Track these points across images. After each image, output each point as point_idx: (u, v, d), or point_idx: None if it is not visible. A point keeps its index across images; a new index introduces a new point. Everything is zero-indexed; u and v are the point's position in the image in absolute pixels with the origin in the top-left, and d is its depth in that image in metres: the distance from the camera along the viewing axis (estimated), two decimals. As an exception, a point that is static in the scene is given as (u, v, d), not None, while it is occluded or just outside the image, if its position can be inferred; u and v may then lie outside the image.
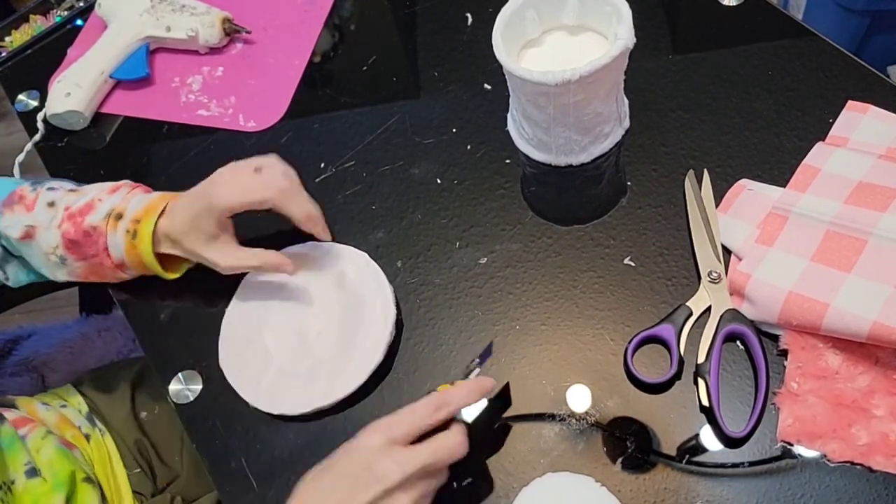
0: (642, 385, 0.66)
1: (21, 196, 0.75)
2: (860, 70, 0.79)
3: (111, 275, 0.76)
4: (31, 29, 1.08)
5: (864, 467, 0.60)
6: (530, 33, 0.77)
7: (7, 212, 0.75)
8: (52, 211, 0.74)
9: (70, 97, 0.92)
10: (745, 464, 0.62)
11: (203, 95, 0.95)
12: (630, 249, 0.74)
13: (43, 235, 0.74)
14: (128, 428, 0.86)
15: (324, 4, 1.00)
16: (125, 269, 0.75)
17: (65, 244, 0.73)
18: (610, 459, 0.64)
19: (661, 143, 0.79)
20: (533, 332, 0.71)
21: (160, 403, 0.88)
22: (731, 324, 0.66)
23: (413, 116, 0.87)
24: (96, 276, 0.77)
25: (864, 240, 0.65)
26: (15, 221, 0.74)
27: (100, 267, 0.75)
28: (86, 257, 0.74)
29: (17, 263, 0.78)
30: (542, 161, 0.80)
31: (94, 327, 1.06)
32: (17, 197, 0.75)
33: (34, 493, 0.68)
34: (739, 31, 0.84)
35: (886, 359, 0.63)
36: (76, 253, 0.74)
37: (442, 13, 0.96)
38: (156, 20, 0.96)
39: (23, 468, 0.69)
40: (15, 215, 0.74)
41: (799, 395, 0.63)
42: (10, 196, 0.75)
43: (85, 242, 0.73)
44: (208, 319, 0.78)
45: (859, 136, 0.74)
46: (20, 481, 0.68)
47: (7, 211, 0.75)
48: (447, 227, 0.79)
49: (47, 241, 0.74)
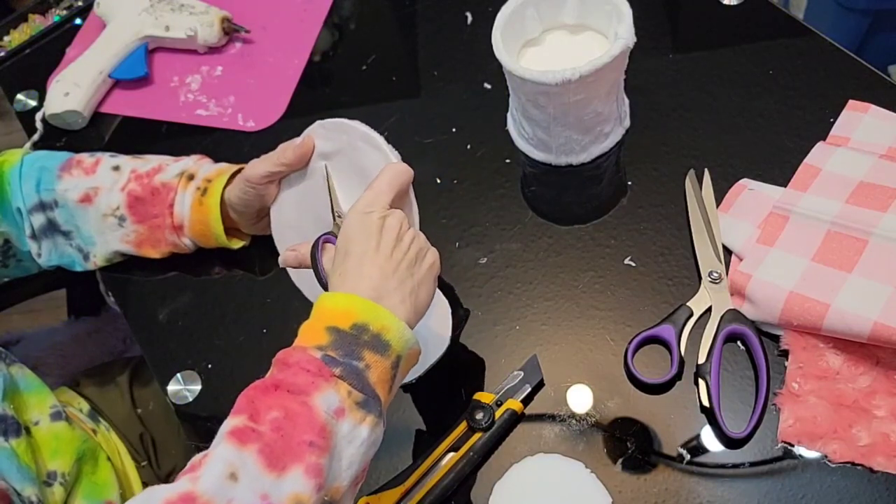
0: (643, 385, 0.66)
1: (79, 161, 0.77)
2: (861, 69, 0.79)
3: (166, 241, 0.77)
4: (29, 28, 1.07)
5: (865, 468, 0.60)
6: (530, 32, 0.77)
7: (66, 175, 0.76)
8: (117, 174, 0.76)
9: (69, 97, 0.92)
10: (746, 464, 0.62)
11: (202, 95, 0.95)
12: (630, 249, 0.74)
13: (104, 197, 0.75)
14: (131, 424, 0.87)
15: (323, 4, 1.00)
16: (182, 234, 0.76)
17: (128, 203, 0.75)
18: (610, 460, 0.64)
19: (662, 143, 0.79)
20: (533, 332, 0.71)
21: (155, 400, 0.89)
22: (732, 324, 0.66)
23: (413, 116, 0.87)
24: (150, 241, 0.77)
25: (864, 240, 0.65)
26: (75, 184, 0.76)
27: (158, 230, 0.76)
28: (146, 218, 0.75)
29: (54, 241, 0.78)
30: (542, 161, 0.80)
31: (85, 329, 1.06)
32: (76, 162, 0.77)
33: (57, 436, 0.68)
34: (740, 31, 0.84)
35: (887, 359, 0.63)
36: (138, 213, 0.75)
37: (442, 13, 0.95)
38: (154, 19, 0.96)
39: (48, 410, 0.69)
40: (74, 179, 0.76)
41: (800, 396, 0.63)
42: (67, 162, 0.78)
43: (151, 200, 0.75)
44: (207, 320, 0.78)
45: (860, 136, 0.74)
46: (44, 422, 0.68)
47: (66, 175, 0.77)
48: (447, 227, 0.78)
49: (108, 202, 0.75)
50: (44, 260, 0.79)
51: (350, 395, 0.51)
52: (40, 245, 0.78)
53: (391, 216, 0.58)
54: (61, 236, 0.78)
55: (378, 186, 0.59)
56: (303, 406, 0.50)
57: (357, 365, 0.52)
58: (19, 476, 0.61)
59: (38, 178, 0.76)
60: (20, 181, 0.76)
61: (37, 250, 0.78)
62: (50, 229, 0.77)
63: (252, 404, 0.50)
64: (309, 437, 0.49)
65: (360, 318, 0.53)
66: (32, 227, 0.77)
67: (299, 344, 0.53)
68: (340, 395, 0.51)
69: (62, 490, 0.65)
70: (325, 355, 0.52)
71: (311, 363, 0.51)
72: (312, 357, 0.51)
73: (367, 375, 0.53)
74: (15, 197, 0.76)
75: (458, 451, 0.64)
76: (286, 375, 0.51)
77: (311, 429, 0.49)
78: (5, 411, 0.63)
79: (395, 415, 0.69)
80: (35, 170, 0.77)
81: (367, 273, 0.55)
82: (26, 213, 0.76)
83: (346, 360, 0.52)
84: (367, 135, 0.65)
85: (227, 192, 0.74)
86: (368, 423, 0.52)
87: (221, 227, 0.74)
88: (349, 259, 0.56)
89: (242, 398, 0.51)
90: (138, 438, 0.86)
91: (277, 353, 0.53)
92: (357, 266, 0.56)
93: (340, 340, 0.52)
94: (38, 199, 0.76)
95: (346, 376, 0.52)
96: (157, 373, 0.76)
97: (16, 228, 0.77)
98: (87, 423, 0.82)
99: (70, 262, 0.80)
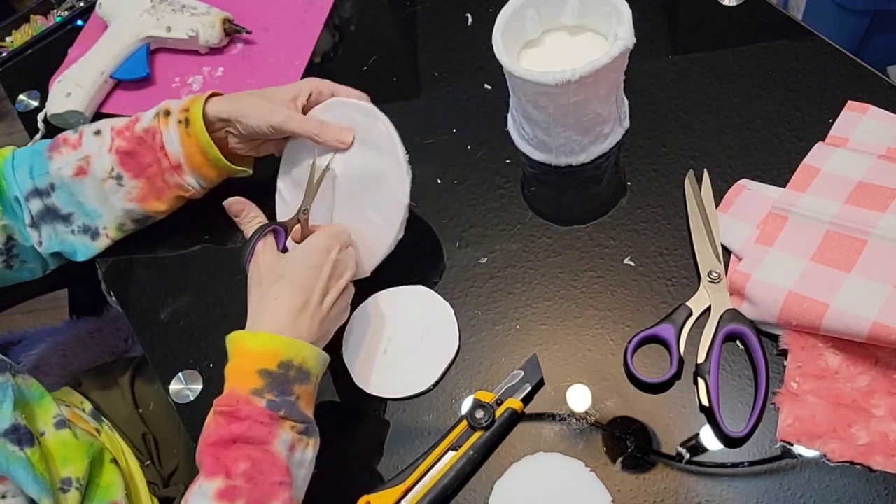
0: (642, 385, 0.66)
1: (65, 139, 0.78)
2: (860, 70, 0.79)
3: (168, 186, 0.77)
4: (31, 29, 1.08)
5: (863, 467, 0.60)
6: (530, 33, 0.77)
7: (56, 155, 0.77)
8: (100, 138, 0.77)
9: (70, 97, 0.93)
10: (745, 464, 0.62)
11: (203, 95, 0.95)
12: (630, 249, 0.74)
13: (96, 164, 0.76)
14: (133, 423, 0.87)
15: (324, 4, 1.00)
16: (184, 173, 0.76)
17: (119, 159, 0.76)
18: (610, 459, 0.64)
19: (661, 144, 0.79)
20: (533, 332, 0.71)
21: (157, 399, 0.89)
22: (731, 324, 0.66)
23: (413, 117, 0.87)
24: (155, 193, 0.78)
25: (863, 240, 0.65)
26: (66, 161, 0.76)
27: (158, 177, 0.76)
28: (143, 169, 0.76)
29: (53, 228, 0.78)
30: (542, 161, 0.80)
31: (86, 329, 1.06)
32: (61, 140, 0.78)
33: (65, 444, 0.68)
34: (739, 32, 0.84)
35: (886, 359, 0.63)
36: (132, 167, 0.76)
37: (442, 13, 0.96)
38: (156, 20, 0.96)
39: (52, 420, 0.69)
40: (63, 156, 0.77)
41: (799, 395, 0.63)
42: (53, 142, 0.78)
43: (140, 150, 0.75)
44: (208, 319, 0.78)
45: (859, 136, 0.74)
46: (50, 432, 0.68)
47: (55, 154, 0.77)
48: (447, 227, 0.79)
49: (101, 166, 0.76)
50: (45, 247, 0.78)
51: (293, 428, 0.59)
52: (40, 232, 0.78)
53: (340, 261, 0.67)
54: (61, 222, 0.78)
55: (334, 230, 0.68)
56: (266, 454, 0.58)
57: (290, 399, 0.60)
58: (35, 486, 0.61)
59: (31, 165, 0.77)
60: (13, 171, 0.76)
61: (37, 238, 0.78)
62: (49, 215, 0.77)
63: (220, 462, 0.57)
64: (278, 479, 0.57)
65: (284, 356, 0.60)
66: (31, 213, 0.77)
67: (235, 389, 0.59)
68: (289, 433, 0.59)
69: (77, 495, 0.65)
70: (268, 402, 0.59)
71: (261, 415, 0.58)
72: (261, 409, 0.58)
73: (300, 405, 0.60)
74: (11, 187, 0.76)
75: (459, 450, 0.65)
76: (242, 429, 0.58)
77: (277, 471, 0.58)
78: (18, 421, 0.63)
79: (395, 414, 0.70)
80: (26, 157, 0.77)
81: (284, 302, 0.63)
82: (23, 200, 0.76)
83: (282, 398, 0.59)
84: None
85: (211, 111, 0.74)
86: (311, 445, 0.61)
87: (217, 150, 0.75)
88: (276, 286, 0.63)
89: (207, 457, 0.58)
90: (140, 438, 0.86)
91: (217, 402, 0.60)
92: (282, 294, 0.63)
93: (273, 382, 0.59)
94: (33, 185, 0.76)
95: (288, 415, 0.59)
96: (159, 372, 0.76)
97: (16, 220, 0.77)
98: (91, 423, 0.83)
99: (71, 250, 0.79)
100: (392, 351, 0.72)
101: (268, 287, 0.64)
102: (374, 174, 0.71)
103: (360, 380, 0.71)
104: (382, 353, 0.72)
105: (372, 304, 0.74)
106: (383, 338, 0.72)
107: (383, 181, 0.70)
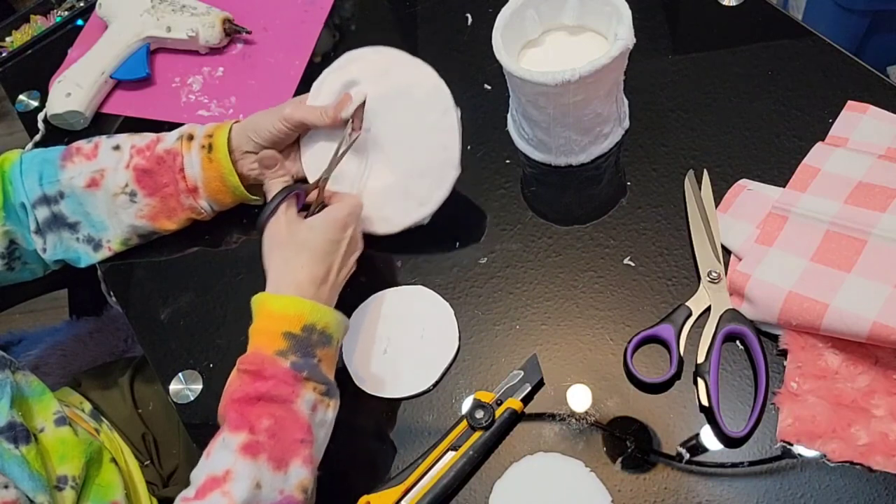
0: (642, 385, 0.66)
1: (78, 148, 0.78)
2: (860, 70, 0.79)
3: (181, 208, 0.78)
4: (31, 29, 1.08)
5: (863, 467, 0.60)
6: (530, 33, 0.77)
7: (68, 164, 0.77)
8: (119, 153, 0.77)
9: (70, 97, 0.93)
10: (745, 464, 0.62)
11: (203, 96, 0.95)
12: (630, 249, 0.74)
13: (111, 178, 0.76)
14: (132, 424, 0.87)
15: (324, 4, 1.00)
16: (199, 196, 0.77)
17: (136, 177, 0.76)
18: (610, 459, 0.64)
19: (661, 144, 0.79)
20: (533, 332, 0.71)
21: (156, 399, 0.89)
22: (731, 324, 0.66)
23: (413, 116, 0.87)
24: (164, 212, 0.78)
25: (863, 240, 0.65)
26: (79, 171, 0.76)
27: (172, 198, 0.77)
28: (158, 188, 0.76)
29: (59, 235, 0.78)
30: (541, 161, 0.80)
31: (86, 329, 1.06)
32: (75, 150, 0.78)
33: (64, 441, 0.68)
34: (739, 31, 0.84)
35: (886, 359, 0.63)
36: (148, 185, 0.76)
37: (442, 13, 0.96)
38: (156, 20, 0.96)
39: (52, 416, 0.69)
40: (77, 165, 0.77)
41: (798, 395, 0.63)
42: (66, 150, 0.78)
43: (159, 169, 0.76)
44: (208, 319, 0.78)
45: (859, 136, 0.74)
46: (49, 428, 0.68)
47: (68, 163, 0.77)
48: (447, 228, 0.79)
49: (116, 182, 0.76)
50: (49, 255, 0.78)
51: (316, 389, 0.61)
52: (45, 239, 0.78)
53: (354, 238, 0.69)
54: (67, 230, 0.78)
55: (351, 204, 0.70)
56: (289, 412, 0.60)
57: (313, 362, 0.62)
58: (31, 483, 0.61)
59: (41, 172, 0.76)
60: (21, 177, 0.76)
61: (42, 245, 0.78)
62: (55, 223, 0.77)
63: (244, 418, 0.59)
64: (300, 436, 0.59)
65: (308, 320, 0.62)
66: (37, 221, 0.77)
67: (260, 349, 0.61)
68: (311, 393, 0.61)
69: (73, 493, 0.65)
70: (292, 363, 0.60)
71: (286, 375, 0.60)
72: (286, 369, 0.60)
73: (322, 368, 0.62)
74: (17, 193, 0.76)
75: (459, 450, 0.65)
76: (267, 388, 0.59)
77: (299, 429, 0.59)
78: (14, 418, 0.63)
79: (395, 414, 0.70)
80: (36, 164, 0.77)
81: (310, 271, 0.65)
82: (30, 207, 0.76)
83: (305, 360, 0.61)
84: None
85: (233, 142, 0.76)
86: (332, 406, 0.63)
87: (237, 178, 0.76)
88: (301, 255, 0.65)
89: (232, 412, 0.59)
90: (140, 438, 0.86)
91: (241, 360, 0.61)
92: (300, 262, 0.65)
93: (297, 344, 0.61)
94: (42, 192, 0.76)
95: (311, 376, 0.61)
96: (158, 372, 0.76)
97: (20, 226, 0.77)
98: (90, 423, 0.83)
99: (75, 256, 0.80)
100: (392, 351, 0.72)
101: (294, 254, 0.66)
102: (405, 88, 0.74)
103: (360, 380, 0.71)
104: (382, 353, 0.72)
105: (372, 304, 0.75)
106: (383, 338, 0.73)
107: (416, 91, 0.73)
